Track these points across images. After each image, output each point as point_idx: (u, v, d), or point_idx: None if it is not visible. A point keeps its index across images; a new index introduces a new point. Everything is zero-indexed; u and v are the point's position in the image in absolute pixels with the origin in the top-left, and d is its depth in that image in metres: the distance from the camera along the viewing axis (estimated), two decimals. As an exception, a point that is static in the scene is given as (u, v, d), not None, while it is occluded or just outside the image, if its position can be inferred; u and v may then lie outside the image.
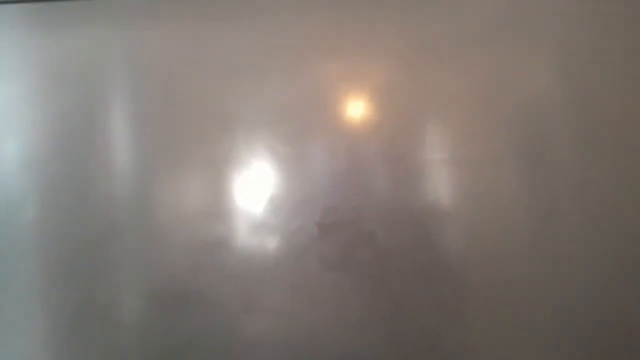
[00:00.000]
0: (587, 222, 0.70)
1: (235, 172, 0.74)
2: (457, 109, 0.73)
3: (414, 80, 0.73)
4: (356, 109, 0.73)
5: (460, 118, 0.73)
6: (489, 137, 0.72)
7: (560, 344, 0.70)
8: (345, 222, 0.72)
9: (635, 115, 0.71)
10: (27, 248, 0.75)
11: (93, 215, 0.75)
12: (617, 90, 0.71)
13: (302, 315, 0.72)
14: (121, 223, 0.74)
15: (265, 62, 0.75)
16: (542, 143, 0.72)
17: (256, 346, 0.73)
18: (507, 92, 0.72)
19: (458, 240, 0.72)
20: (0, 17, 0.77)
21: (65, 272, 0.75)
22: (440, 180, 0.72)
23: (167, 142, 0.75)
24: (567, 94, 0.72)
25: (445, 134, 0.73)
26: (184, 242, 0.74)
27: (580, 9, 0.72)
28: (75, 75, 0.76)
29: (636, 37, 0.72)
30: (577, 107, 0.71)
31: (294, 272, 0.72)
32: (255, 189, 0.74)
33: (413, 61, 0.73)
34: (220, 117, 0.75)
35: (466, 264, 0.71)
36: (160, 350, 0.73)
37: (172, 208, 0.74)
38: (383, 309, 0.72)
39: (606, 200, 0.70)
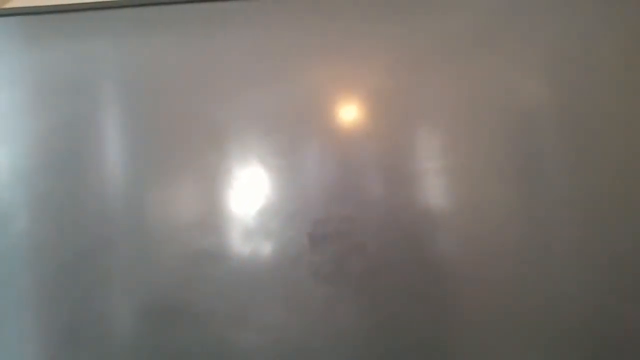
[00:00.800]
0: (580, 227, 0.70)
1: (226, 183, 0.74)
2: (449, 118, 0.72)
3: (406, 91, 0.73)
4: (348, 120, 0.73)
5: (451, 127, 0.72)
6: (481, 145, 0.72)
7: (554, 353, 0.69)
8: (336, 233, 0.72)
9: (626, 121, 0.71)
10: (18, 259, 0.76)
11: (85, 227, 0.75)
12: (609, 96, 0.71)
13: (293, 326, 0.72)
14: (113, 235, 0.75)
15: (257, 73, 0.75)
16: (535, 149, 0.71)
17: (248, 357, 0.72)
18: (500, 99, 0.72)
19: (450, 250, 0.71)
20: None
21: (57, 284, 0.75)
22: (432, 190, 0.72)
23: (159, 154, 0.75)
24: (559, 101, 0.72)
25: (437, 143, 0.72)
26: (176, 254, 0.74)
27: (571, 16, 0.72)
28: (67, 87, 0.77)
29: (628, 43, 0.72)
30: (569, 113, 0.71)
31: (285, 282, 0.72)
32: (246, 201, 0.74)
33: (405, 71, 0.73)
34: (211, 128, 0.75)
35: (458, 273, 0.71)
36: (152, 362, 0.73)
37: (164, 220, 0.74)
38: (374, 319, 0.71)
39: (598, 205, 0.70)
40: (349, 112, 0.73)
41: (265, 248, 0.73)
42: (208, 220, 0.74)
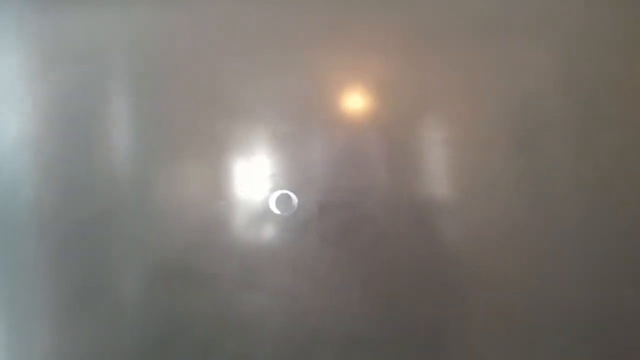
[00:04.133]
0: (584, 210, 0.72)
1: (236, 152, 0.75)
2: (456, 96, 0.74)
3: (414, 67, 0.75)
4: (357, 93, 0.75)
5: (458, 105, 0.74)
6: (487, 125, 0.73)
7: (556, 331, 0.72)
8: (344, 202, 0.74)
9: (630, 106, 0.72)
10: (26, 227, 0.75)
11: (92, 195, 0.75)
12: (613, 80, 0.72)
13: (301, 293, 0.74)
14: (120, 203, 0.75)
15: (267, 46, 0.75)
16: (541, 132, 0.73)
17: (256, 323, 0.75)
18: (505, 83, 0.74)
19: (454, 222, 0.73)
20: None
21: (64, 251, 0.75)
22: (438, 166, 0.74)
23: (168, 123, 0.76)
24: (564, 84, 0.73)
25: (443, 120, 0.74)
26: (185, 222, 0.75)
27: (577, 2, 0.73)
28: (75, 56, 0.76)
29: (633, 29, 0.73)
30: (573, 96, 0.73)
31: (294, 249, 0.74)
32: (257, 169, 0.75)
33: (413, 50, 0.75)
34: (221, 100, 0.75)
35: (463, 245, 0.74)
36: (159, 327, 0.75)
37: (172, 188, 0.75)
38: (381, 288, 0.74)
39: (603, 189, 0.72)
40: (360, 86, 0.75)
41: (275, 214, 0.75)
42: (218, 188, 0.75)
